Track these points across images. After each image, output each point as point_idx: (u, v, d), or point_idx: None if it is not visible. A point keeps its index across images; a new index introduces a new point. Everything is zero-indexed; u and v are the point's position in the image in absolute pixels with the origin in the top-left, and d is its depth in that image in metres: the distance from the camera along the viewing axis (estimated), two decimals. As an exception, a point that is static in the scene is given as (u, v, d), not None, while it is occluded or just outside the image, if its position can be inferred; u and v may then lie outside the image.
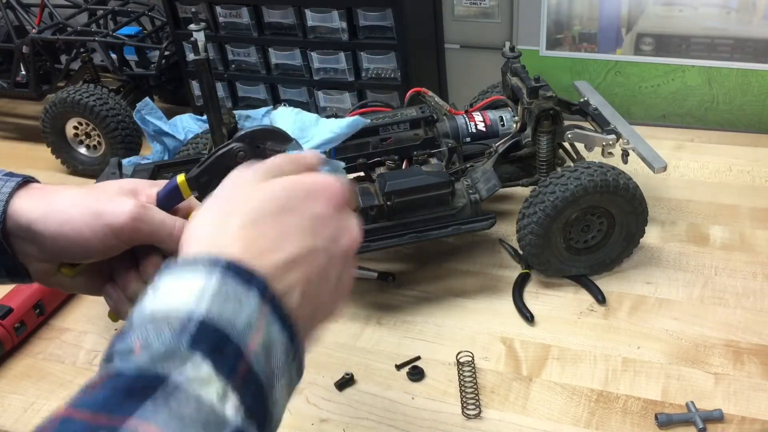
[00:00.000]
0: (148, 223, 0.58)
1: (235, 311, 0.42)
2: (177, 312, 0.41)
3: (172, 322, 0.40)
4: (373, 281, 1.20)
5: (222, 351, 0.40)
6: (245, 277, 0.43)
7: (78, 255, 0.59)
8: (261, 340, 0.42)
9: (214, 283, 0.42)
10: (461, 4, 1.66)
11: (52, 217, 0.58)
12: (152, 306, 0.42)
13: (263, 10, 1.62)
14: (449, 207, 1.11)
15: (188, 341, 0.39)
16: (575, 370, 1.02)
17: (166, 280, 0.43)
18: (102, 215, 0.57)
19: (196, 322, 0.40)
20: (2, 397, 1.07)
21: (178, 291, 0.42)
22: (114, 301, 0.63)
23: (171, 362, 0.39)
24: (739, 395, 0.96)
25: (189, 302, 0.41)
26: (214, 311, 0.41)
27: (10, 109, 2.01)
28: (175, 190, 0.60)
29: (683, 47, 1.56)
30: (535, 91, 1.18)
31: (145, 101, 1.56)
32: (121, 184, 0.61)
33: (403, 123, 1.22)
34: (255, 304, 0.42)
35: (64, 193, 0.60)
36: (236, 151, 0.57)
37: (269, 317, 0.43)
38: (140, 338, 0.40)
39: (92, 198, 0.59)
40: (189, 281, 0.42)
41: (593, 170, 1.08)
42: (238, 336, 0.41)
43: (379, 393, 1.01)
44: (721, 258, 1.20)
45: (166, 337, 0.40)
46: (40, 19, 1.79)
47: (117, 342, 0.41)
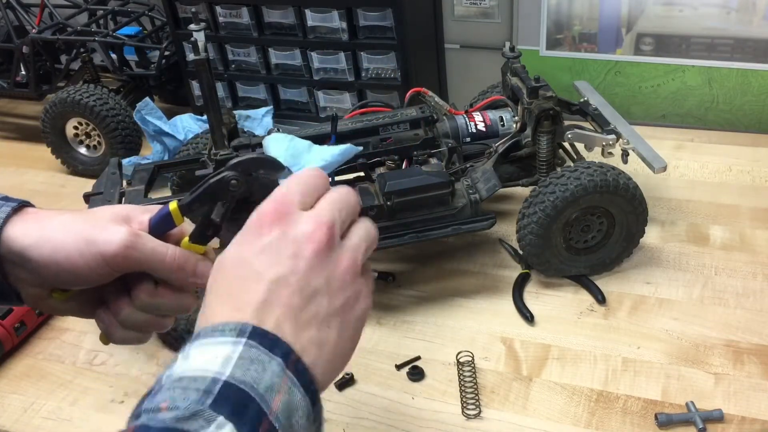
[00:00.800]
0: (140, 251, 0.58)
1: (258, 374, 0.44)
2: (203, 375, 0.43)
3: (198, 385, 0.42)
4: (373, 281, 1.20)
5: (244, 411, 0.42)
6: (269, 344, 0.45)
7: (70, 282, 0.59)
8: (283, 401, 0.44)
9: (239, 350, 0.44)
10: (461, 4, 1.66)
11: (44, 244, 0.58)
12: (181, 370, 0.44)
13: (263, 10, 1.62)
14: (449, 207, 1.11)
15: (212, 402, 0.41)
16: (575, 370, 1.02)
17: (197, 347, 0.45)
18: (94, 243, 0.57)
19: (221, 384, 0.42)
20: (2, 397, 1.07)
21: (205, 357, 0.44)
22: (105, 325, 0.63)
23: (195, 422, 0.40)
24: (739, 395, 0.96)
25: (215, 367, 0.43)
26: (238, 374, 0.43)
27: (10, 109, 2.01)
28: (167, 217, 0.60)
29: (683, 47, 1.56)
30: (535, 91, 1.18)
31: (145, 101, 1.56)
32: (114, 211, 0.61)
33: (403, 123, 1.22)
34: (278, 368, 0.45)
35: (57, 219, 0.60)
36: (229, 179, 0.57)
37: (292, 381, 0.45)
38: (168, 399, 0.42)
39: (85, 225, 0.59)
40: (216, 348, 0.44)
41: (593, 170, 1.08)
42: (260, 397, 0.43)
43: (379, 393, 1.01)
44: (721, 258, 1.20)
45: (191, 398, 0.41)
46: (40, 19, 1.79)
47: (145, 401, 0.43)
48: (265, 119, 1.62)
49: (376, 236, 0.55)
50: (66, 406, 1.05)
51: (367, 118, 1.23)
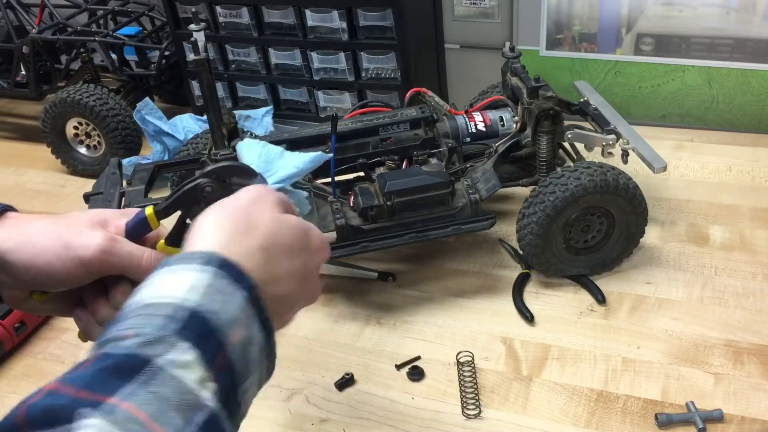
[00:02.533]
0: (117, 255, 0.60)
1: (223, 305, 0.45)
2: (170, 302, 0.44)
3: (164, 311, 0.43)
4: (373, 281, 1.20)
5: (206, 340, 0.43)
6: (236, 277, 0.47)
7: (49, 284, 0.61)
8: (242, 335, 0.45)
9: (206, 277, 0.46)
10: (461, 4, 1.66)
11: (24, 248, 0.59)
12: (147, 295, 0.45)
13: (263, 10, 1.62)
14: (449, 207, 1.11)
15: (177, 329, 0.42)
16: (575, 370, 1.02)
17: (163, 272, 0.47)
18: (72, 247, 0.59)
19: (187, 311, 0.44)
20: (2, 397, 1.07)
21: (172, 282, 0.46)
22: (84, 324, 0.65)
23: (158, 346, 0.41)
24: (739, 395, 0.96)
25: (181, 293, 0.45)
26: (204, 303, 0.44)
27: (10, 109, 2.01)
28: (144, 222, 0.62)
29: (683, 47, 1.56)
30: (535, 91, 1.18)
31: (145, 101, 1.56)
32: (92, 215, 0.62)
33: (403, 123, 1.22)
34: (241, 302, 0.46)
35: (36, 224, 0.61)
36: (203, 186, 0.60)
37: (252, 317, 0.46)
38: (132, 326, 0.43)
39: (63, 229, 0.60)
40: (184, 274, 0.46)
41: (593, 170, 1.08)
42: (222, 329, 0.44)
43: (379, 393, 1.01)
44: (721, 258, 1.20)
45: (157, 323, 0.43)
46: (40, 19, 1.79)
47: (111, 328, 0.44)
48: (265, 119, 1.62)
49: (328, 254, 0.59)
50: (66, 406, 1.05)
51: (367, 118, 1.23)
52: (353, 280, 1.20)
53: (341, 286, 1.20)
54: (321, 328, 1.13)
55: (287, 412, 0.99)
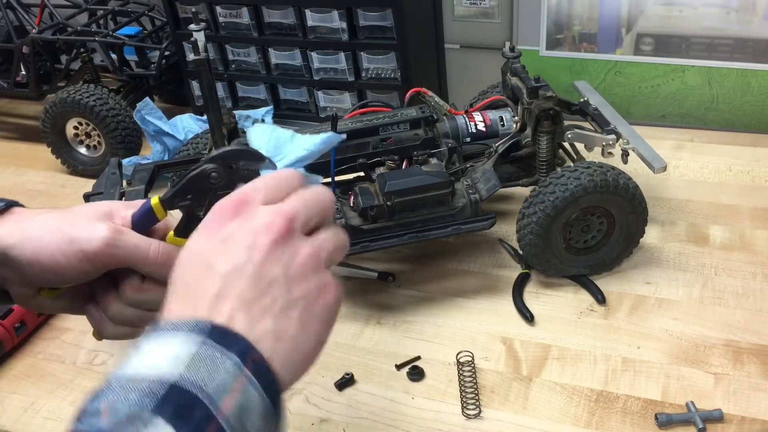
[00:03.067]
0: (122, 248, 0.58)
1: (209, 373, 0.41)
2: (149, 375, 0.41)
3: (142, 386, 0.40)
4: (373, 281, 1.20)
5: (189, 413, 0.40)
6: (226, 341, 0.43)
7: (54, 280, 0.59)
8: (236, 402, 0.41)
9: (191, 347, 0.42)
10: (461, 4, 1.66)
11: (27, 243, 0.58)
12: (130, 366, 0.42)
13: (263, 10, 1.62)
14: (449, 207, 1.11)
15: (153, 404, 0.39)
16: (575, 370, 1.02)
17: (150, 342, 0.43)
18: (75, 241, 0.57)
19: (166, 384, 0.40)
20: (2, 397, 1.07)
21: (156, 355, 0.42)
22: (96, 321, 0.63)
23: (132, 426, 0.38)
24: (739, 395, 0.96)
25: (163, 365, 0.41)
26: (187, 374, 0.41)
27: (10, 109, 2.01)
28: (150, 213, 0.60)
29: (683, 47, 1.56)
30: (535, 91, 1.18)
31: (145, 101, 1.56)
32: (96, 208, 0.61)
33: (403, 123, 1.22)
34: (233, 367, 0.42)
35: (39, 218, 0.59)
36: (209, 171, 0.57)
37: (249, 380, 0.43)
38: (109, 400, 0.40)
39: (66, 223, 0.59)
40: (168, 345, 0.43)
41: (593, 170, 1.08)
42: (209, 398, 0.40)
43: (379, 393, 1.01)
44: (721, 258, 1.20)
45: (132, 400, 0.39)
46: (40, 19, 1.79)
47: (88, 403, 0.41)
48: (265, 119, 1.62)
49: (346, 244, 0.54)
50: (66, 406, 1.05)
51: (367, 118, 1.23)
52: (353, 280, 1.20)
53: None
54: (321, 328, 1.12)
55: (287, 412, 0.99)
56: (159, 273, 0.60)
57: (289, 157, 0.62)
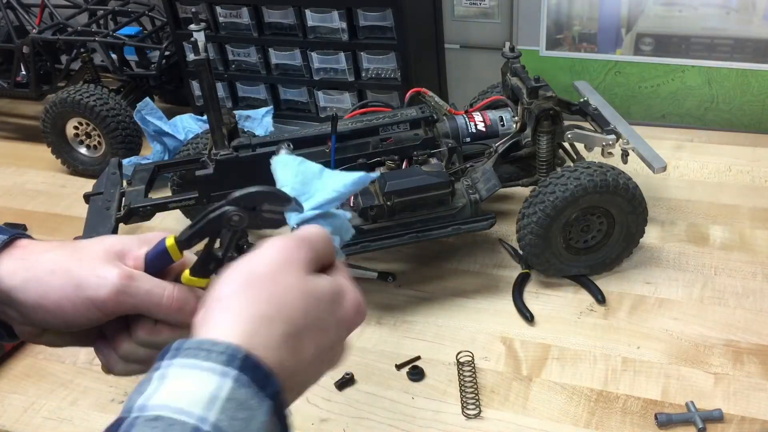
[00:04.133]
0: (134, 295, 0.54)
1: (245, 423, 0.39)
2: (183, 419, 0.38)
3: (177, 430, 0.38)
4: (373, 281, 1.20)
5: None
6: (261, 383, 0.41)
7: (60, 326, 0.55)
8: None
9: (228, 388, 0.40)
10: (461, 4, 1.66)
11: (31, 286, 0.54)
12: (157, 402, 0.39)
13: (263, 10, 1.62)
14: (449, 207, 1.11)
15: None
16: (575, 370, 1.02)
17: (178, 367, 0.41)
18: (83, 288, 0.53)
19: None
20: (2, 397, 1.07)
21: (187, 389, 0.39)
22: (105, 358, 0.59)
23: None
24: (738, 395, 0.96)
25: (198, 409, 0.38)
26: (224, 424, 0.39)
27: (10, 109, 2.01)
28: (164, 253, 0.56)
29: (683, 47, 1.56)
30: (535, 91, 1.18)
31: (145, 101, 1.56)
32: (107, 246, 0.56)
33: (403, 123, 1.22)
34: (265, 417, 0.40)
35: (45, 257, 0.55)
36: (230, 215, 0.53)
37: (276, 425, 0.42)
38: None
39: (74, 265, 0.54)
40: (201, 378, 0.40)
41: (593, 170, 1.08)
42: None
43: (379, 393, 1.01)
44: (721, 258, 1.20)
45: None
46: (41, 19, 1.79)
47: None
48: (265, 119, 1.62)
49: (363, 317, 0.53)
50: (66, 406, 1.05)
51: (367, 118, 1.23)
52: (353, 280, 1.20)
53: (341, 286, 1.20)
54: (321, 328, 1.12)
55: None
56: (173, 318, 0.56)
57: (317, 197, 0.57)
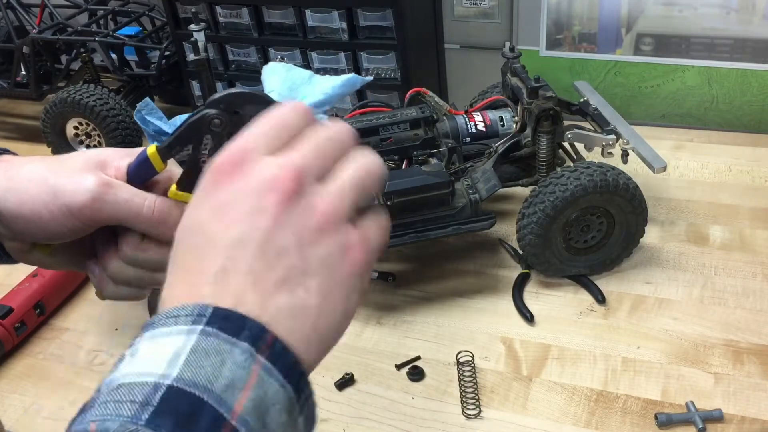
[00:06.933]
0: (111, 203, 0.51)
1: (215, 369, 0.35)
2: (143, 381, 0.34)
3: (135, 396, 0.34)
4: (373, 281, 1.20)
5: (194, 422, 0.33)
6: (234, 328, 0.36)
7: (41, 236, 0.53)
8: (251, 399, 0.35)
9: (194, 340, 0.35)
10: (461, 4, 1.66)
11: (10, 195, 0.52)
12: (122, 372, 0.35)
13: (263, 10, 1.62)
14: (449, 207, 1.11)
15: (150, 417, 0.33)
16: (575, 370, 1.02)
17: (147, 339, 0.37)
18: (59, 195, 0.51)
19: (163, 390, 0.34)
20: (2, 397, 1.07)
21: (152, 354, 0.36)
22: (96, 279, 0.57)
23: None
24: (738, 395, 0.96)
25: (159, 368, 0.35)
26: (187, 375, 0.34)
27: (10, 109, 2.01)
28: (146, 163, 0.53)
29: (683, 47, 1.56)
30: (535, 91, 1.18)
31: (145, 101, 1.55)
32: (89, 156, 0.54)
33: (403, 123, 1.22)
34: (242, 357, 0.36)
35: (26, 167, 0.53)
36: (210, 118, 0.49)
37: (266, 369, 0.36)
38: (98, 417, 0.33)
39: (52, 173, 0.52)
40: (167, 341, 0.36)
41: (593, 170, 1.08)
42: (217, 399, 0.34)
43: (379, 393, 1.01)
44: (721, 258, 1.20)
45: (126, 413, 0.33)
46: (41, 20, 1.79)
47: (76, 420, 0.34)
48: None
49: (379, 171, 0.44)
50: (66, 406, 1.05)
51: (367, 118, 1.23)
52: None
53: (341, 286, 1.20)
54: (321, 328, 1.12)
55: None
56: (156, 231, 0.53)
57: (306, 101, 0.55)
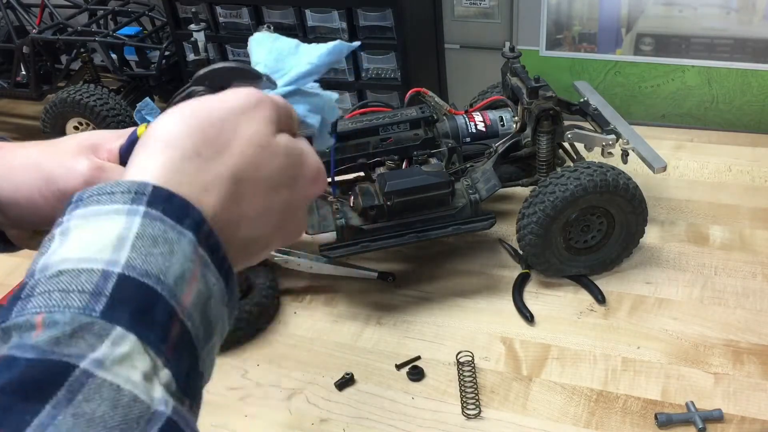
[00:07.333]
0: None
1: (165, 258, 0.33)
2: (90, 267, 0.32)
3: (84, 284, 0.31)
4: (373, 281, 1.20)
5: (148, 315, 0.32)
6: (177, 213, 0.35)
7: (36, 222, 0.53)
8: (196, 292, 0.34)
9: (138, 223, 0.33)
10: (461, 4, 1.67)
11: (4, 182, 0.51)
12: (60, 259, 0.33)
13: (263, 10, 1.62)
14: (449, 207, 1.11)
15: (103, 308, 0.31)
16: (575, 370, 1.02)
17: (79, 218, 0.34)
18: (53, 180, 0.50)
19: (114, 278, 0.31)
20: (2, 397, 1.07)
21: (90, 235, 0.33)
22: None
23: (80, 341, 0.30)
24: (738, 395, 0.96)
25: (105, 253, 0.32)
26: (138, 262, 0.32)
27: (10, 109, 2.01)
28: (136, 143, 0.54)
29: (683, 47, 1.57)
30: (535, 91, 1.18)
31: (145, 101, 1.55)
32: (81, 140, 0.54)
33: (403, 123, 1.22)
34: (189, 248, 0.34)
35: (19, 154, 0.53)
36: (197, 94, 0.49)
37: (204, 262, 0.35)
38: (43, 308, 0.31)
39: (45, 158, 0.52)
40: (106, 221, 0.33)
41: (593, 170, 1.08)
42: (170, 291, 0.33)
43: (379, 393, 1.01)
44: (721, 258, 1.20)
45: (75, 305, 0.31)
46: (41, 20, 1.79)
47: (16, 310, 0.31)
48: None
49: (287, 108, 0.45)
50: (66, 406, 1.05)
51: (367, 118, 1.23)
52: (353, 280, 1.20)
53: (341, 286, 1.20)
54: (321, 328, 1.13)
55: (287, 412, 0.99)
56: None
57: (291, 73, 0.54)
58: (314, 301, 1.17)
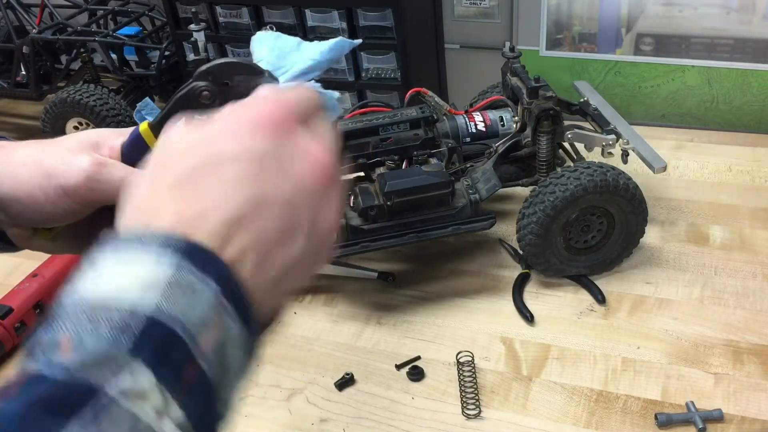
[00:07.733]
0: (106, 182, 0.51)
1: (189, 305, 0.34)
2: (119, 302, 0.33)
3: (112, 316, 0.33)
4: (373, 281, 1.20)
5: (168, 355, 0.33)
6: (203, 263, 0.36)
7: (38, 219, 0.53)
8: (215, 338, 0.35)
9: (166, 270, 0.35)
10: (461, 5, 1.66)
11: (5, 179, 0.51)
12: (91, 288, 0.34)
13: (263, 10, 1.62)
14: (449, 207, 1.11)
15: (130, 343, 0.32)
16: (575, 370, 1.02)
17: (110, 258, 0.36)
18: (53, 176, 0.50)
19: (143, 319, 0.33)
20: (2, 397, 1.07)
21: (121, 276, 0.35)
22: None
23: (107, 370, 0.32)
24: (738, 395, 0.96)
25: (133, 291, 0.34)
26: (165, 305, 0.34)
27: (10, 109, 2.01)
28: (139, 140, 0.52)
29: (683, 47, 1.57)
30: (535, 91, 1.18)
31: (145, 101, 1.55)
32: (82, 137, 0.54)
33: (403, 123, 1.22)
34: (212, 296, 0.35)
35: (20, 152, 0.53)
36: (199, 90, 0.49)
37: (227, 311, 0.36)
38: (71, 332, 0.32)
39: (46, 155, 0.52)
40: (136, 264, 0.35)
41: (593, 170, 1.08)
42: (189, 335, 0.34)
43: (379, 393, 1.01)
44: (721, 258, 1.20)
45: (103, 334, 0.32)
46: (41, 19, 1.79)
47: (42, 331, 0.33)
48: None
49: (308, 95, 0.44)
50: (66, 406, 1.05)
51: (367, 118, 1.23)
52: (353, 280, 1.20)
53: (341, 286, 1.20)
54: (321, 328, 1.13)
55: (287, 412, 0.99)
56: None
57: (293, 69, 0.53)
58: (314, 301, 1.17)
